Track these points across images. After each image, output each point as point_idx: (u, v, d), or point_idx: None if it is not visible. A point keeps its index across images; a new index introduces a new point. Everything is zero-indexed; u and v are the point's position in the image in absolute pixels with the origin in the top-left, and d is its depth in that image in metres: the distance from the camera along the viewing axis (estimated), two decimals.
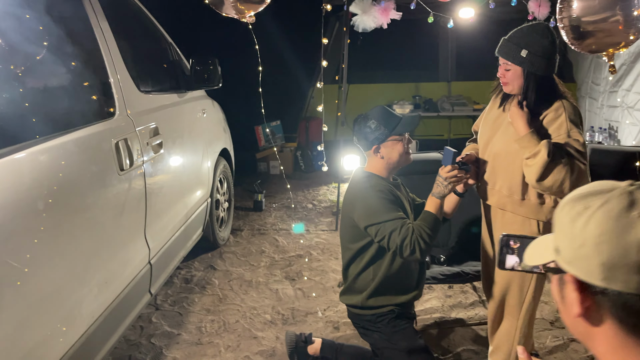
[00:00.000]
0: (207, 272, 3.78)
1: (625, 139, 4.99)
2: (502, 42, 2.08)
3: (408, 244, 1.96)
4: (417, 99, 7.08)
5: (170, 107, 3.09)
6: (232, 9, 2.36)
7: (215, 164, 3.96)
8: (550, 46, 1.99)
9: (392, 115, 2.16)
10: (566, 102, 2.01)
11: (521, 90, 2.05)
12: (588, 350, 2.70)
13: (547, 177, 1.92)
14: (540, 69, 1.99)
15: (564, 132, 1.94)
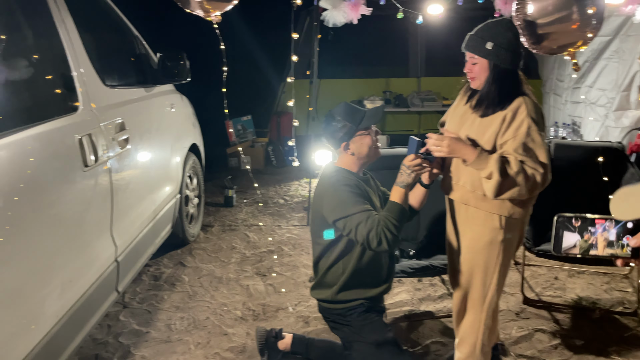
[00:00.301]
0: (176, 269, 3.74)
1: (588, 134, 5.14)
2: (468, 37, 2.11)
3: (374, 236, 1.97)
4: (388, 95, 7.14)
5: (137, 102, 3.03)
6: (198, 7, 2.33)
7: (185, 159, 3.91)
8: (514, 39, 2.03)
9: (356, 110, 2.17)
10: (527, 99, 2.05)
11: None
12: (551, 340, 2.78)
13: (504, 192, 1.98)
14: (506, 62, 2.03)
15: (523, 131, 1.98)
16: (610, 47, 4.82)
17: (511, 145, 1.99)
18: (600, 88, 4.96)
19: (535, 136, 1.98)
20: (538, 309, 3.16)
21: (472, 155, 2.02)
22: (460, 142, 2.05)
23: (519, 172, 1.94)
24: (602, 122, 4.93)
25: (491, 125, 2.07)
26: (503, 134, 2.04)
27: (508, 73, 2.06)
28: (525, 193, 1.97)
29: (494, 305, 2.26)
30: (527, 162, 1.96)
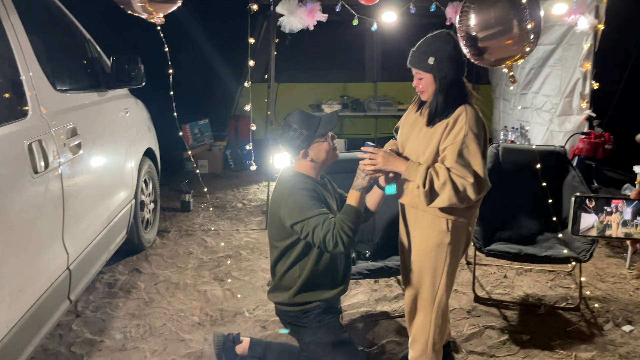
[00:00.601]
0: (132, 275, 3.68)
1: (535, 138, 5.38)
2: (410, 54, 2.20)
3: (331, 238, 2.02)
4: (345, 99, 7.23)
5: (90, 107, 2.98)
6: (140, 9, 2.31)
7: (140, 164, 3.85)
8: (453, 51, 2.13)
9: (312, 117, 2.21)
10: (469, 108, 2.15)
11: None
12: (500, 336, 2.91)
13: (435, 201, 2.09)
14: (449, 73, 2.13)
15: (460, 139, 2.08)
16: (554, 55, 5.07)
17: (448, 152, 2.09)
18: (545, 94, 5.20)
19: (471, 145, 2.08)
20: (488, 306, 3.29)
21: (402, 167, 2.12)
22: (392, 155, 2.15)
23: (445, 182, 2.04)
24: (547, 127, 5.16)
25: (435, 133, 2.16)
26: (444, 140, 2.13)
27: (453, 83, 2.16)
28: (457, 202, 2.06)
29: (444, 304, 2.35)
30: (458, 170, 2.05)
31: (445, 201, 2.08)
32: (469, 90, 2.23)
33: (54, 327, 2.59)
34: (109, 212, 3.14)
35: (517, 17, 2.34)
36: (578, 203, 1.08)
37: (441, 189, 2.07)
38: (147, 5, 2.31)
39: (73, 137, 2.63)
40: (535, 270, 3.73)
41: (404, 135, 2.35)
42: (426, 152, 2.18)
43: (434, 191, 2.09)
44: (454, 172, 2.07)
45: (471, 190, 2.05)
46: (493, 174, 3.52)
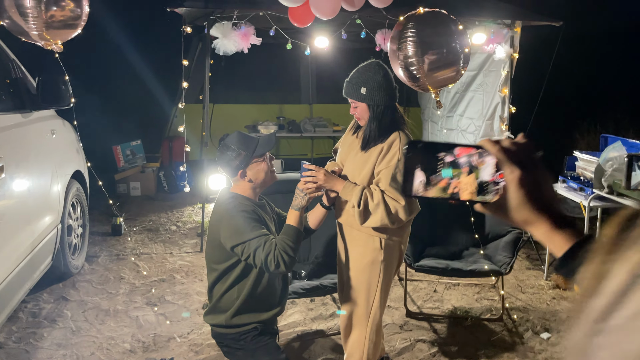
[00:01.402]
0: (57, 303, 3.52)
1: None
2: (345, 84, 2.32)
3: (272, 259, 2.05)
4: (281, 120, 7.32)
5: (13, 129, 2.87)
6: (37, 37, 2.28)
7: (67, 187, 3.72)
8: (383, 80, 2.26)
9: (250, 139, 2.26)
10: (402, 134, 2.28)
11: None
12: (431, 349, 3.02)
13: (368, 221, 2.21)
14: (381, 101, 2.26)
15: (394, 163, 2.21)
16: (476, 80, 5.41)
17: (382, 175, 2.20)
18: (469, 117, 5.53)
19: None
20: (419, 320, 3.42)
21: (340, 186, 2.22)
22: (331, 175, 2.24)
23: (378, 204, 2.16)
24: None
25: (371, 156, 2.28)
26: (379, 164, 2.25)
27: (385, 110, 2.28)
28: (389, 223, 2.17)
29: (378, 320, 2.43)
30: (391, 193, 2.17)
31: (378, 221, 2.18)
32: (401, 116, 2.37)
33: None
34: (33, 238, 3.01)
35: (451, 44, 2.52)
36: (413, 151, 0.76)
37: (374, 209, 2.17)
38: (45, 33, 2.27)
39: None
40: (463, 284, 3.92)
41: (342, 156, 2.45)
42: (362, 174, 2.28)
43: (368, 211, 2.19)
44: (387, 194, 2.18)
45: (402, 212, 2.17)
46: None
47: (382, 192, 2.18)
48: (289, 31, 4.34)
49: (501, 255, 3.38)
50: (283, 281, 2.39)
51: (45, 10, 2.40)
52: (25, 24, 2.41)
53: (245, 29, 4.26)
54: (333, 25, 4.52)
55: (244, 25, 4.25)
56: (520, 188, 0.71)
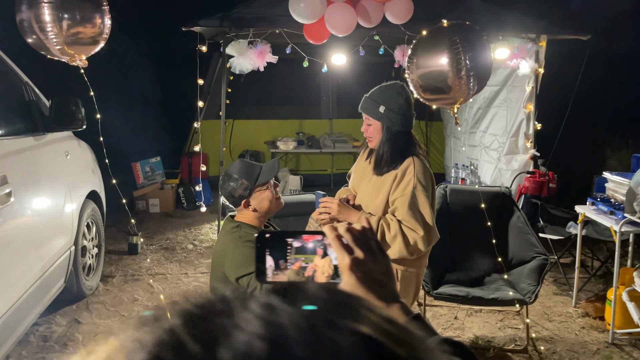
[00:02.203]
0: (70, 326, 3.48)
1: (484, 176, 5.50)
2: (363, 99, 2.22)
3: None
4: (301, 136, 7.26)
5: (24, 152, 2.85)
6: (59, 52, 2.25)
7: (82, 208, 3.70)
8: (404, 103, 2.16)
9: (252, 167, 2.18)
10: (417, 160, 2.17)
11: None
12: None
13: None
14: (397, 124, 2.15)
15: (409, 191, 2.10)
16: (499, 96, 5.25)
17: (398, 204, 2.09)
18: (493, 133, 5.36)
19: (420, 196, 2.09)
20: None
21: (354, 218, 2.11)
22: (346, 205, 2.14)
23: (396, 235, 2.05)
24: (495, 165, 5.30)
25: (385, 183, 2.17)
26: (393, 192, 2.14)
27: (400, 134, 2.18)
28: (407, 254, 2.06)
29: None
30: (409, 223, 2.06)
31: (396, 253, 2.07)
32: (416, 142, 2.26)
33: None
34: (44, 262, 2.98)
35: (454, 66, 2.41)
36: (262, 241, 0.80)
37: (392, 241, 2.07)
38: (66, 48, 2.24)
39: (2, 185, 2.49)
40: (486, 311, 3.75)
41: (355, 183, 2.36)
42: (376, 202, 2.18)
43: (385, 243, 2.08)
44: (404, 224, 2.07)
45: (421, 243, 2.06)
46: (441, 215, 3.58)
47: (399, 223, 2.07)
48: (306, 47, 4.28)
49: (525, 282, 3.20)
50: None
51: (65, 25, 2.39)
52: (46, 40, 2.41)
53: (261, 47, 4.21)
54: (351, 40, 4.44)
55: (260, 43, 4.20)
56: (351, 274, 0.73)
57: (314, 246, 0.80)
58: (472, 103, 5.75)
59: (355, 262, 0.74)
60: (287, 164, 7.61)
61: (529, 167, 4.95)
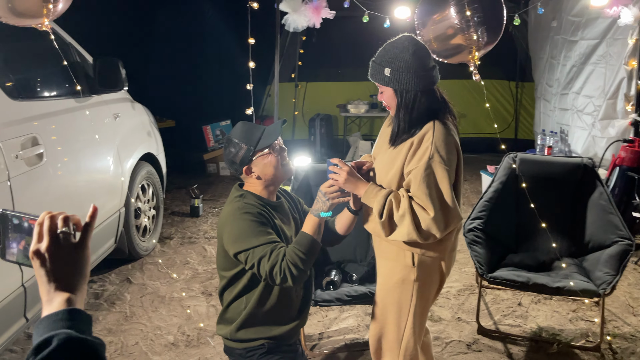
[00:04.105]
0: (121, 285, 3.57)
1: (575, 144, 4.85)
2: (370, 64, 1.90)
3: (278, 272, 1.76)
4: (374, 98, 6.89)
5: (61, 114, 2.86)
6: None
7: (135, 170, 3.73)
8: (412, 59, 1.80)
9: (253, 129, 1.96)
10: (438, 125, 1.82)
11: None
12: None
13: (394, 234, 1.80)
14: (410, 85, 1.81)
15: (424, 162, 1.76)
16: (597, 51, 4.52)
17: (412, 177, 1.78)
18: (587, 95, 4.66)
19: (437, 169, 1.76)
20: (493, 339, 2.91)
21: (361, 190, 1.82)
22: (355, 175, 1.84)
23: (404, 214, 1.73)
24: (588, 132, 4.62)
25: (400, 153, 1.86)
26: (408, 162, 1.83)
27: (417, 95, 1.84)
28: (418, 238, 1.74)
29: (412, 349, 2.02)
30: (420, 200, 1.74)
31: (404, 235, 1.77)
32: (441, 102, 1.91)
33: (15, 342, 2.49)
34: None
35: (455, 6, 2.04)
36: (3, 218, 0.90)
37: (400, 220, 1.77)
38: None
39: (32, 147, 2.51)
40: (557, 299, 3.29)
41: (376, 151, 2.07)
42: (389, 175, 1.88)
43: (393, 222, 1.79)
44: (415, 201, 1.76)
45: (434, 226, 1.73)
46: (507, 189, 3.15)
47: (410, 200, 1.76)
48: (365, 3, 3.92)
49: (602, 271, 2.72)
50: (305, 290, 2.08)
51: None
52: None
53: (317, 2, 3.92)
54: None
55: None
56: (34, 260, 0.85)
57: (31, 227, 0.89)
58: (566, 60, 5.03)
59: (38, 251, 0.86)
60: (361, 128, 7.31)
61: (628, 134, 4.24)
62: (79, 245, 0.89)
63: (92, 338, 0.80)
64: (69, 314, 0.81)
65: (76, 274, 0.87)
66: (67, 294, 0.83)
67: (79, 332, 0.78)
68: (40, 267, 0.85)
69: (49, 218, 0.88)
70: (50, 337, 0.75)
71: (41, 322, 0.81)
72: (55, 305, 0.83)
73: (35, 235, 0.87)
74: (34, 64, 2.91)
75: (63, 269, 0.85)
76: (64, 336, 0.75)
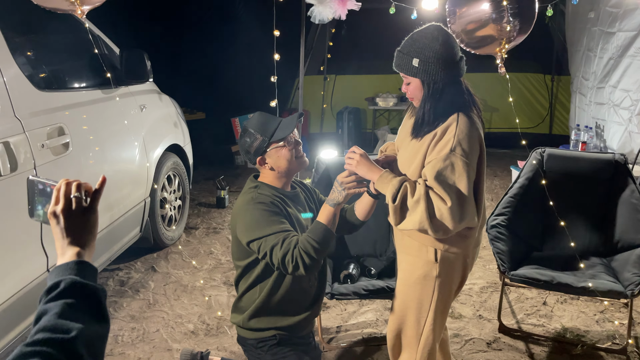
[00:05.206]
0: (146, 273, 3.65)
1: (611, 140, 4.66)
2: (395, 54, 1.87)
3: (290, 260, 1.76)
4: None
5: (87, 105, 2.93)
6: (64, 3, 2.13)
7: (160, 160, 3.79)
8: (442, 49, 1.76)
9: (270, 120, 1.96)
10: (462, 117, 1.78)
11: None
12: None
13: (405, 222, 1.75)
14: (438, 76, 1.77)
15: (444, 153, 1.72)
16: (635, 43, 4.32)
17: (430, 166, 1.74)
18: (624, 89, 4.46)
19: (457, 162, 1.71)
20: (514, 339, 2.84)
21: (376, 175, 1.79)
22: (368, 161, 1.81)
23: (418, 200, 1.69)
24: (625, 127, 4.44)
25: (423, 145, 1.83)
26: (430, 154, 1.79)
27: (445, 87, 1.80)
28: (430, 228, 1.70)
29: (431, 345, 1.99)
30: (437, 189, 1.69)
31: (416, 223, 1.73)
32: (466, 94, 1.86)
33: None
34: (111, 212, 3.09)
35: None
36: (30, 183, 1.09)
37: (414, 207, 1.73)
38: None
39: (59, 136, 2.58)
40: (584, 299, 3.19)
41: (398, 144, 2.04)
42: (412, 167, 1.85)
43: (405, 208, 1.76)
44: (432, 191, 1.72)
45: (448, 217, 1.69)
46: (534, 185, 3.06)
47: (427, 188, 1.72)
48: None
49: (630, 272, 2.62)
50: (319, 280, 2.07)
51: None
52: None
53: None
54: None
55: None
56: (52, 219, 1.02)
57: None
58: (602, 52, 4.84)
59: (54, 212, 1.01)
60: (390, 122, 7.24)
61: None
62: (89, 208, 1.03)
63: (94, 284, 0.94)
64: (77, 264, 0.95)
65: (86, 233, 1.01)
66: (78, 248, 0.98)
67: (83, 279, 0.93)
68: (56, 226, 1.00)
69: (65, 184, 1.02)
70: (59, 281, 0.91)
71: (54, 270, 0.95)
72: (67, 257, 0.97)
73: (53, 198, 1.02)
74: (62, 55, 2.98)
75: (75, 228, 1.00)
76: (70, 280, 0.91)
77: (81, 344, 0.83)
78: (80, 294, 0.91)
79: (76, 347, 0.82)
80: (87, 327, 0.86)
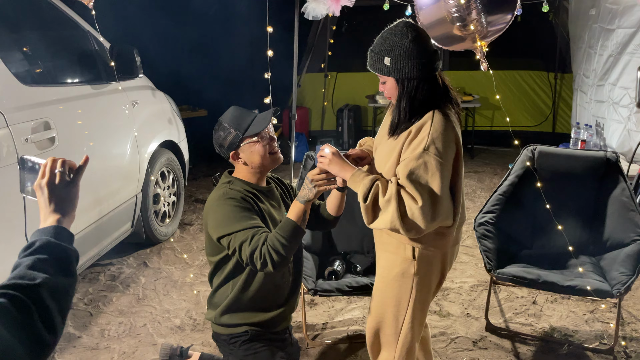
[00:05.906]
0: (138, 269, 3.67)
1: (610, 138, 4.61)
2: (368, 54, 1.85)
3: (258, 257, 1.76)
4: None
5: (76, 100, 2.95)
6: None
7: (153, 156, 3.80)
8: (412, 45, 1.73)
9: (244, 115, 1.95)
10: (438, 115, 1.75)
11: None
12: None
13: (375, 221, 1.74)
14: (412, 73, 1.75)
15: (418, 151, 1.70)
16: (634, 40, 4.26)
17: (403, 165, 1.72)
18: (623, 86, 4.41)
19: (430, 160, 1.69)
20: (501, 337, 2.81)
21: (349, 173, 1.77)
22: (341, 159, 1.80)
23: (389, 200, 1.67)
24: (624, 125, 4.38)
25: (398, 144, 1.80)
26: (404, 152, 1.76)
27: (420, 84, 1.77)
28: (401, 228, 1.67)
29: (409, 344, 1.97)
30: (409, 188, 1.67)
31: (387, 222, 1.71)
32: (444, 90, 1.83)
33: None
34: (100, 207, 3.11)
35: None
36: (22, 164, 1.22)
37: (385, 206, 1.71)
38: None
39: (44, 131, 2.59)
40: (575, 299, 3.15)
41: (377, 142, 2.01)
42: (387, 165, 1.83)
43: (377, 208, 1.74)
44: (404, 190, 1.70)
45: (420, 217, 1.67)
46: (525, 183, 3.02)
47: (399, 187, 1.70)
48: None
49: (617, 270, 2.58)
50: (294, 275, 2.06)
51: None
52: None
53: None
54: None
55: None
56: (37, 190, 1.15)
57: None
58: (602, 50, 4.78)
59: (40, 184, 1.13)
60: None
61: None
62: (71, 182, 1.15)
63: (66, 245, 1.07)
64: (54, 229, 1.08)
65: (67, 203, 1.14)
66: (58, 215, 1.11)
67: (58, 240, 1.06)
68: (41, 196, 1.13)
69: (51, 161, 1.15)
70: (35, 240, 1.05)
71: (35, 232, 1.08)
72: (48, 223, 1.10)
73: (40, 173, 1.14)
74: (50, 51, 3.00)
75: (57, 199, 1.12)
76: (45, 240, 1.04)
77: (45, 291, 0.94)
78: (52, 252, 1.03)
79: (40, 292, 0.93)
80: (54, 278, 0.97)
